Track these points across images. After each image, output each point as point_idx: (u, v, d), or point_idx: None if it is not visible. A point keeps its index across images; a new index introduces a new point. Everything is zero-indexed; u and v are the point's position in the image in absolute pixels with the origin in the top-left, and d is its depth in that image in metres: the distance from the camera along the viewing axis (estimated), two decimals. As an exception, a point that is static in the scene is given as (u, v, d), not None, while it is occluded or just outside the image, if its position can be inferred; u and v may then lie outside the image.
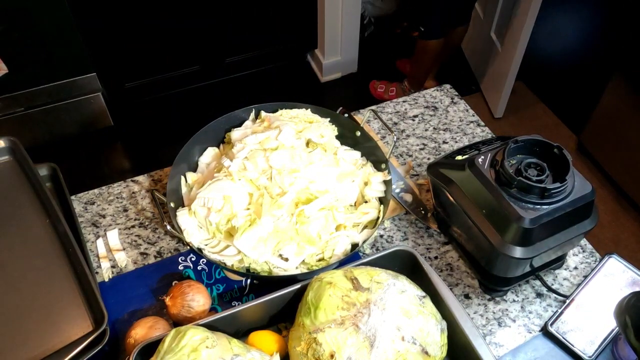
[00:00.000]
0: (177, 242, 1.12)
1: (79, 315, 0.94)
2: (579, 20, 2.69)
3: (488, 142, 1.06)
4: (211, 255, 1.03)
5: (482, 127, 1.36)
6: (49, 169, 1.16)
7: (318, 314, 0.83)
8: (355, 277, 0.87)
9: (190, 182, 1.14)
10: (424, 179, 1.24)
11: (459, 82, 1.55)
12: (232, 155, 1.12)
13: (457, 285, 1.07)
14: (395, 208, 1.18)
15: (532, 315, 1.03)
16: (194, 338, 0.79)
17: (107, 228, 1.14)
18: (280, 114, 1.23)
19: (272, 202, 1.04)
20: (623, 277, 1.05)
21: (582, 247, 1.13)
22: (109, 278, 1.06)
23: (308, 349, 0.82)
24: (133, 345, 0.88)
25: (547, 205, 0.90)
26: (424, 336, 0.83)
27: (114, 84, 2.52)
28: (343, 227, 1.07)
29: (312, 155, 1.13)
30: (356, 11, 2.71)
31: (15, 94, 2.26)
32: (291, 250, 1.02)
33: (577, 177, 0.93)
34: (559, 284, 1.07)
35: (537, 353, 0.99)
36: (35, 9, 2.06)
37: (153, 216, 1.17)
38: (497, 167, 0.93)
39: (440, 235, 1.14)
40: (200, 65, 2.66)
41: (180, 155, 1.14)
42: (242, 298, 1.05)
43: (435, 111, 1.40)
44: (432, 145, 1.32)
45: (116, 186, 1.22)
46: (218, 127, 1.21)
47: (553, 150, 0.95)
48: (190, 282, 0.98)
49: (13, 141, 1.13)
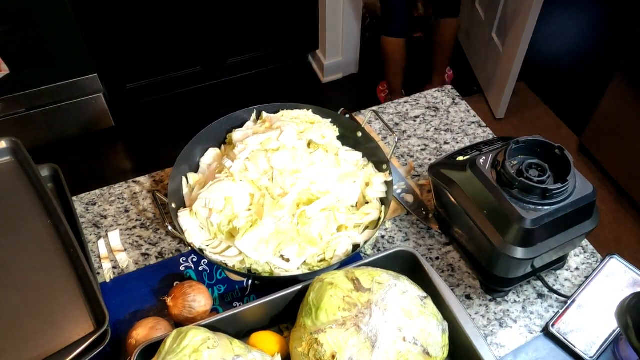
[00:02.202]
0: (179, 242, 1.12)
1: (81, 316, 0.94)
2: (580, 21, 2.69)
3: (489, 142, 1.06)
4: (212, 256, 1.03)
5: (483, 128, 1.36)
6: (51, 170, 1.16)
7: (319, 314, 0.83)
8: (357, 278, 0.87)
9: (191, 183, 1.15)
10: (425, 180, 1.24)
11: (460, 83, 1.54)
12: (234, 156, 1.12)
13: (458, 286, 1.07)
14: (396, 209, 1.18)
15: (534, 316, 1.03)
16: (195, 339, 0.79)
17: (108, 229, 1.14)
18: (282, 114, 1.23)
19: (273, 203, 1.04)
20: (624, 277, 1.05)
21: (584, 248, 1.13)
22: (111, 279, 1.06)
23: (309, 350, 0.82)
24: (134, 346, 0.88)
25: (549, 206, 0.90)
26: (425, 337, 0.83)
27: (115, 84, 2.53)
28: (344, 227, 1.07)
29: (314, 156, 1.13)
30: (357, 12, 2.71)
31: (17, 94, 2.26)
32: (292, 251, 1.02)
33: (578, 177, 0.93)
34: (560, 285, 1.07)
35: (538, 354, 0.98)
36: (36, 10, 2.06)
37: (154, 217, 1.17)
38: (499, 167, 0.93)
39: (442, 236, 1.14)
40: (202, 66, 2.66)
41: (181, 156, 1.14)
42: (244, 299, 1.05)
43: (437, 112, 1.40)
44: (434, 146, 1.32)
45: (117, 187, 1.22)
46: (219, 127, 1.21)
47: (554, 151, 0.95)
48: (192, 283, 0.98)
49: (14, 142, 1.13)
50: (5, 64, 2.14)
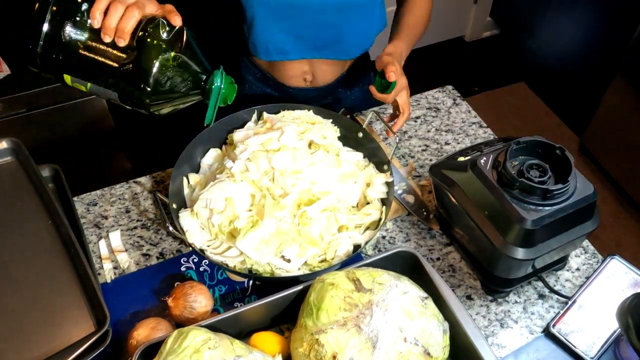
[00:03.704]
0: (180, 243, 1.12)
1: (81, 317, 0.94)
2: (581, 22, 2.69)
3: (490, 143, 1.06)
4: (213, 256, 1.03)
5: (484, 129, 1.36)
6: (51, 170, 1.16)
7: (320, 315, 0.83)
8: (358, 278, 0.87)
9: (192, 184, 1.15)
10: (426, 180, 1.24)
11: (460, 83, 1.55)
12: (234, 156, 1.12)
13: (459, 287, 1.07)
14: (397, 209, 1.18)
15: (534, 317, 1.03)
16: (196, 339, 0.79)
17: (109, 229, 1.14)
18: (283, 115, 1.23)
19: (274, 204, 1.04)
20: (625, 278, 1.05)
21: (584, 249, 1.13)
22: (111, 279, 1.06)
23: (310, 350, 0.82)
24: (135, 346, 0.88)
25: (549, 207, 0.90)
26: (426, 337, 0.83)
27: (116, 85, 2.53)
28: (345, 228, 1.07)
29: (314, 157, 1.13)
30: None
31: (18, 95, 2.26)
32: (293, 252, 1.02)
33: (579, 178, 0.93)
34: (561, 285, 1.07)
35: (539, 354, 0.98)
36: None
37: (155, 217, 1.17)
38: (499, 168, 0.93)
39: (443, 237, 1.14)
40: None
41: (182, 157, 1.14)
42: (245, 299, 1.05)
43: (438, 112, 1.40)
44: (434, 146, 1.32)
45: (118, 187, 1.22)
46: (220, 128, 1.21)
47: (555, 152, 0.95)
48: (193, 283, 0.98)
49: (15, 142, 1.13)
50: (6, 65, 2.14)
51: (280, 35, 1.27)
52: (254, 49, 1.32)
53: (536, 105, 2.82)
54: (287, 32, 1.27)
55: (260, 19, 1.25)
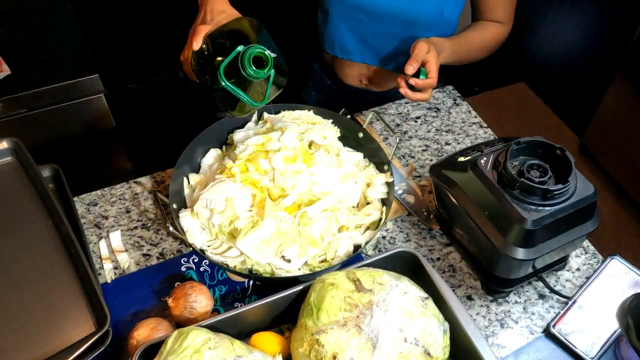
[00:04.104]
0: (180, 243, 1.12)
1: (82, 317, 0.94)
2: (581, 21, 2.69)
3: (490, 143, 1.06)
4: (214, 256, 1.03)
5: (484, 129, 1.36)
6: (52, 170, 1.16)
7: (320, 315, 0.84)
8: (358, 279, 0.87)
9: (192, 184, 1.15)
10: (426, 181, 1.24)
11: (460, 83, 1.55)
12: (235, 156, 1.12)
13: (459, 287, 1.07)
14: (397, 209, 1.18)
15: (535, 317, 1.03)
16: (196, 339, 0.79)
17: (109, 229, 1.14)
18: (283, 115, 1.23)
19: (274, 204, 1.04)
20: (625, 278, 1.05)
21: (585, 249, 1.13)
22: (112, 279, 1.06)
23: (310, 350, 0.82)
24: (135, 346, 0.88)
25: (550, 207, 0.89)
26: (426, 337, 0.83)
27: (116, 85, 2.53)
28: (345, 228, 1.07)
29: (315, 157, 1.13)
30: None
31: (18, 95, 2.27)
32: (293, 252, 1.02)
33: (579, 178, 0.93)
34: (562, 286, 1.07)
35: (539, 354, 0.98)
36: (38, 11, 2.06)
37: (155, 217, 1.17)
38: (500, 168, 0.93)
39: (443, 237, 1.14)
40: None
41: (182, 157, 1.14)
42: (245, 299, 1.05)
43: (438, 112, 1.40)
44: (435, 146, 1.32)
45: (118, 187, 1.22)
46: (220, 128, 1.21)
47: (555, 152, 0.95)
48: (193, 284, 0.98)
49: (16, 142, 1.14)
50: (6, 65, 2.14)
51: (348, 36, 1.34)
52: (322, 38, 1.41)
53: (536, 105, 2.82)
54: (354, 34, 1.33)
55: (334, 14, 1.32)
